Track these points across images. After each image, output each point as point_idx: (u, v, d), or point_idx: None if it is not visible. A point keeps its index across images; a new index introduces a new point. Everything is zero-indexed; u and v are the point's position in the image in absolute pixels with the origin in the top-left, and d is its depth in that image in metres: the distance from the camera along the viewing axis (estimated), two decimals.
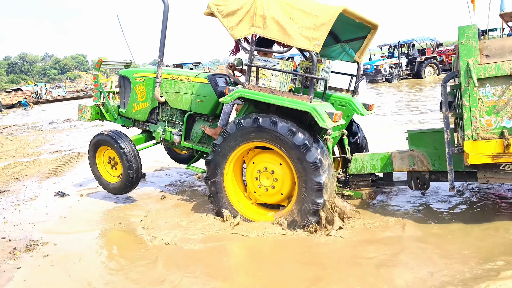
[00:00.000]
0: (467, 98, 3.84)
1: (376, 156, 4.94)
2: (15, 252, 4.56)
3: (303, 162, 4.39)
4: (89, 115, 6.67)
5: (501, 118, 3.80)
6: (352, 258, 3.93)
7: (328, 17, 4.26)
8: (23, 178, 8.29)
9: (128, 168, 5.77)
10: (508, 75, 3.70)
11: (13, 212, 6.08)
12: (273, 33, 4.52)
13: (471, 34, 3.79)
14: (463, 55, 3.83)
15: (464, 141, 3.92)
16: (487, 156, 3.84)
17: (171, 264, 4.05)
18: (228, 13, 4.73)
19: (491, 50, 3.79)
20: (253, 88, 4.69)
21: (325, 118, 4.30)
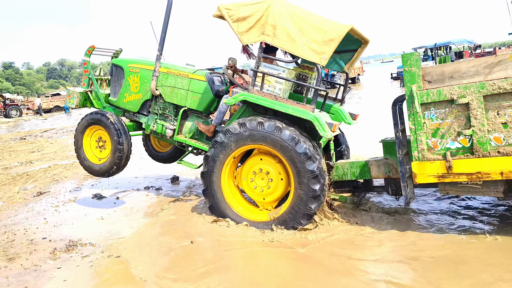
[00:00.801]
0: (413, 122, 4.01)
1: (356, 164, 5.09)
2: (55, 252, 4.66)
3: (302, 169, 4.55)
4: (77, 101, 6.61)
5: (445, 140, 3.93)
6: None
7: (337, 34, 4.48)
8: (63, 180, 8.53)
9: (117, 136, 5.72)
10: (449, 100, 3.83)
11: (53, 213, 6.23)
12: (282, 42, 4.68)
13: (413, 61, 3.96)
14: (407, 81, 4.01)
15: (412, 162, 4.09)
16: (433, 176, 3.99)
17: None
18: (238, 18, 4.89)
19: (433, 76, 3.97)
20: (257, 93, 4.86)
21: (325, 128, 4.51)
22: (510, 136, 3.65)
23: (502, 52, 20.78)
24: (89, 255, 4.50)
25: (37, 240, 5.06)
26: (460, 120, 3.84)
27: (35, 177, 8.92)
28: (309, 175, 4.54)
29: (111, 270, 4.12)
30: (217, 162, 5.01)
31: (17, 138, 17.82)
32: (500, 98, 3.63)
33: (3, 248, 4.88)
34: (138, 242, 4.81)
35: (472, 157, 3.80)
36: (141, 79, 6.22)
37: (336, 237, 4.49)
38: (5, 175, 9.26)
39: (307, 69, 5.69)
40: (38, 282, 3.95)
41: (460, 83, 3.83)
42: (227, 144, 4.91)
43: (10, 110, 37.02)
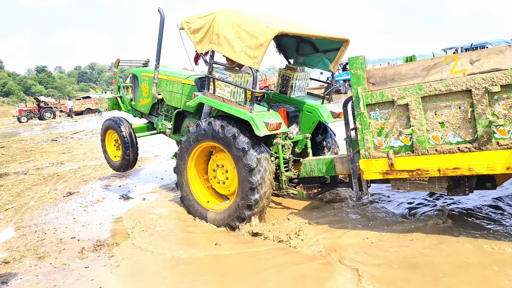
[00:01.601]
0: (359, 122, 4.22)
1: (321, 161, 5.26)
2: (84, 251, 4.75)
3: (241, 163, 4.97)
4: (106, 106, 7.90)
5: (389, 138, 4.13)
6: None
7: (265, 39, 4.77)
8: (91, 180, 8.72)
9: (125, 148, 7.00)
10: (390, 101, 4.02)
11: (82, 213, 6.38)
12: (225, 50, 5.13)
13: (358, 64, 4.15)
14: (353, 83, 4.21)
15: (359, 159, 4.30)
16: (378, 173, 4.21)
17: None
18: (194, 30, 5.43)
19: (376, 79, 4.15)
20: (210, 96, 5.41)
21: (260, 127, 4.86)
22: (447, 135, 3.85)
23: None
24: (116, 255, 4.56)
25: (66, 240, 5.18)
26: (401, 120, 4.05)
27: (65, 177, 9.16)
28: (246, 169, 4.93)
29: (137, 270, 4.15)
30: (183, 159, 5.66)
31: (49, 140, 18.38)
32: (437, 99, 3.83)
33: (33, 246, 5.00)
34: (163, 242, 4.82)
35: (413, 155, 4.01)
36: (149, 86, 7.04)
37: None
38: (37, 176, 9.55)
39: (290, 70, 6.26)
40: (66, 281, 4.03)
41: (400, 85, 4.02)
42: (189, 142, 5.53)
43: (44, 113, 38.19)
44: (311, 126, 6.03)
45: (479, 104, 3.60)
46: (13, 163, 12.02)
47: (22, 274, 4.25)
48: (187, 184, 5.68)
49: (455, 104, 3.75)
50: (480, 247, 3.91)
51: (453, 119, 3.78)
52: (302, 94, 6.48)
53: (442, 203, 5.29)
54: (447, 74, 3.78)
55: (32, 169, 10.60)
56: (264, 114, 5.13)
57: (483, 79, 3.54)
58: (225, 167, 5.43)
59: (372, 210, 5.41)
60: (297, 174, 5.50)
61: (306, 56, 6.41)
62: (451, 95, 3.75)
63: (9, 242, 5.26)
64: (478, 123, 3.63)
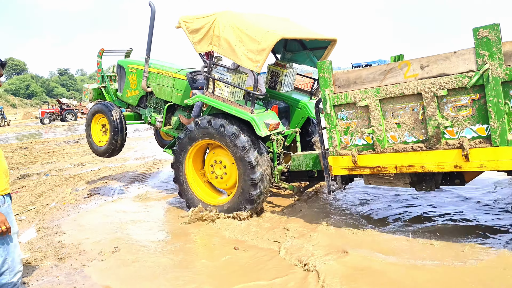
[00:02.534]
0: (327, 121, 4.55)
1: (309, 156, 5.48)
2: (103, 253, 4.74)
3: (243, 161, 5.24)
4: (91, 96, 7.99)
5: (354, 137, 4.46)
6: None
7: (267, 44, 4.98)
8: (111, 182, 8.77)
9: (114, 133, 7.01)
10: (353, 102, 4.32)
11: (102, 215, 6.37)
12: (225, 51, 5.31)
13: (326, 68, 4.47)
14: (322, 85, 4.53)
15: (328, 156, 4.67)
16: (344, 168, 4.56)
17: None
18: (193, 30, 5.59)
19: (341, 81, 4.46)
20: (209, 95, 5.62)
21: (261, 127, 5.17)
22: (403, 135, 4.14)
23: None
24: (136, 257, 4.57)
25: (86, 241, 5.23)
26: (364, 120, 4.37)
27: (86, 179, 9.25)
28: (248, 166, 5.23)
29: (157, 272, 4.13)
30: (181, 155, 5.89)
31: (71, 141, 18.59)
32: (393, 101, 4.13)
33: (54, 247, 5.02)
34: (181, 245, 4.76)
35: (374, 152, 4.32)
36: (137, 78, 7.23)
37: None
38: (59, 177, 9.67)
39: (279, 66, 6.52)
40: (86, 283, 4.06)
41: (362, 88, 4.31)
42: (187, 139, 5.76)
43: (66, 114, 38.86)
44: (301, 121, 6.36)
45: (429, 107, 3.88)
46: (36, 164, 12.21)
47: (43, 275, 4.31)
48: (185, 179, 5.94)
49: (409, 106, 4.05)
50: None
51: (407, 120, 4.08)
52: (290, 89, 6.79)
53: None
54: (401, 78, 4.06)
55: (54, 170, 10.76)
56: (263, 114, 5.41)
57: (432, 83, 3.82)
58: (223, 162, 5.71)
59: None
60: (288, 168, 5.71)
61: (293, 53, 6.66)
62: (405, 98, 4.04)
63: (31, 242, 5.32)
64: (429, 124, 3.91)
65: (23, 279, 4.19)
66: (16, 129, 33.76)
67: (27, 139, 21.82)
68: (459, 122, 3.78)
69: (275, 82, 6.64)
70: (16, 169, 11.53)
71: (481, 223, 4.61)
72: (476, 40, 3.57)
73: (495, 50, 3.49)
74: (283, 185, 5.79)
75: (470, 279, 3.42)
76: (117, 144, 7.13)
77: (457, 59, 3.72)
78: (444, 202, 5.46)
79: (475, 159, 3.69)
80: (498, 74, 3.49)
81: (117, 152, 7.41)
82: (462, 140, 3.74)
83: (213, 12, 5.51)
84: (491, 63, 3.51)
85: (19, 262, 3.02)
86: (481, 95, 3.62)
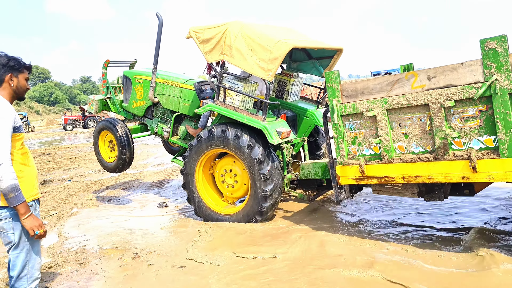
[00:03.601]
0: (335, 131, 4.59)
1: (317, 165, 5.58)
2: (123, 259, 4.87)
3: (256, 172, 5.32)
4: (96, 107, 8.04)
5: (362, 147, 4.49)
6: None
7: (279, 53, 5.08)
8: (131, 188, 8.97)
9: (122, 147, 7.03)
10: (360, 112, 4.36)
11: (122, 221, 6.55)
12: (237, 61, 5.40)
13: (333, 78, 4.51)
14: (329, 95, 4.57)
15: (336, 165, 4.69)
16: (352, 178, 4.57)
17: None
18: (203, 40, 5.69)
19: (348, 92, 4.50)
20: (220, 104, 5.71)
21: (273, 136, 5.26)
22: (411, 145, 4.17)
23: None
24: (154, 263, 4.65)
25: (106, 247, 5.33)
26: (371, 130, 4.41)
27: (107, 184, 9.47)
28: (262, 178, 5.32)
29: (175, 279, 4.20)
30: (192, 162, 5.96)
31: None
32: (400, 111, 4.17)
33: (75, 252, 5.19)
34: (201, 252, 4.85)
35: (381, 163, 4.35)
36: (144, 88, 7.32)
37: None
38: (80, 182, 9.93)
39: (286, 76, 6.62)
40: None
41: (369, 98, 4.36)
42: (200, 147, 5.81)
43: (88, 121, 39.54)
44: (308, 129, 6.43)
45: (436, 118, 3.91)
46: (58, 170, 12.56)
47: (64, 280, 4.43)
48: (194, 186, 6.04)
49: (416, 117, 4.09)
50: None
51: (415, 130, 4.12)
52: (296, 99, 6.90)
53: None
54: (408, 89, 4.11)
55: (75, 176, 11.05)
56: (274, 123, 5.51)
57: (439, 94, 3.86)
58: (233, 171, 5.80)
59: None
60: (297, 176, 5.77)
61: (299, 63, 6.78)
62: (413, 109, 4.08)
63: (53, 247, 5.48)
64: (436, 135, 3.94)
65: (44, 283, 4.31)
66: (39, 135, 34.62)
67: (50, 145, 22.41)
68: (466, 133, 3.81)
69: (282, 92, 6.75)
70: (39, 174, 11.89)
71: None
72: (483, 51, 3.60)
73: (502, 62, 3.52)
74: (293, 193, 5.85)
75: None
76: (126, 158, 7.16)
77: (464, 70, 3.76)
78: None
79: (483, 170, 3.70)
80: (505, 86, 3.52)
81: (127, 167, 7.44)
82: (469, 151, 3.76)
83: (224, 22, 5.64)
84: (499, 74, 3.54)
85: (38, 269, 3.08)
86: (489, 106, 3.64)
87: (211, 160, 6.13)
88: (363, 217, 5.69)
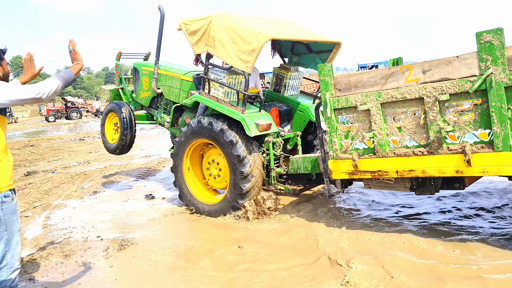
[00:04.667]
0: (328, 125, 4.54)
1: (307, 159, 5.49)
2: (108, 251, 4.80)
3: (231, 155, 5.38)
4: (107, 97, 8.39)
5: (355, 141, 4.45)
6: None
7: (257, 44, 5.09)
8: (117, 180, 8.84)
9: (123, 129, 7.26)
10: (354, 106, 4.32)
11: (107, 212, 6.43)
12: (219, 52, 5.47)
13: (326, 71, 4.48)
14: (322, 89, 4.54)
15: (328, 160, 4.67)
16: (345, 173, 4.54)
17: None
18: (191, 32, 5.79)
19: (342, 85, 4.46)
20: (205, 95, 5.81)
21: (251, 128, 5.26)
22: (404, 139, 4.13)
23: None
24: (140, 255, 4.59)
25: (91, 238, 5.26)
26: (365, 124, 4.37)
27: (92, 176, 9.34)
28: (236, 159, 5.35)
29: (161, 271, 4.17)
30: (178, 156, 6.12)
31: (76, 139, 18.72)
32: (394, 105, 4.13)
33: (60, 244, 5.08)
34: (186, 244, 4.79)
35: (375, 157, 4.31)
36: (149, 80, 7.41)
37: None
38: (65, 174, 9.76)
39: (284, 69, 6.62)
40: (90, 280, 4.09)
41: (363, 91, 4.32)
42: (188, 135, 5.91)
43: (71, 112, 38.96)
44: (302, 124, 6.39)
45: (430, 111, 3.88)
46: (42, 162, 12.33)
47: (48, 272, 4.36)
48: (182, 179, 6.14)
49: (410, 111, 4.05)
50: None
51: (409, 124, 4.09)
52: (295, 93, 6.87)
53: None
54: (402, 82, 4.07)
55: (60, 168, 10.86)
56: (255, 115, 5.50)
57: (434, 88, 3.82)
58: (216, 160, 5.90)
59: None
60: (286, 170, 5.76)
61: (300, 56, 6.77)
62: (407, 102, 4.04)
63: (37, 239, 5.38)
64: (430, 129, 3.91)
65: (29, 275, 4.26)
66: (23, 126, 34.01)
67: (33, 137, 22.00)
68: (461, 127, 3.78)
69: (280, 85, 6.74)
70: (23, 166, 11.65)
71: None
72: (479, 44, 3.56)
73: (498, 55, 3.49)
74: (280, 186, 5.85)
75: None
76: (127, 140, 7.34)
77: (459, 63, 3.72)
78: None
79: (477, 164, 3.68)
80: (501, 79, 3.49)
81: (127, 149, 7.64)
82: (464, 145, 3.73)
83: (210, 14, 5.66)
84: (494, 68, 3.51)
85: (18, 260, 3.04)
86: (484, 100, 3.61)
87: (199, 155, 6.23)
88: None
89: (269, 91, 6.83)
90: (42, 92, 2.92)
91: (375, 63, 31.39)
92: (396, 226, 4.75)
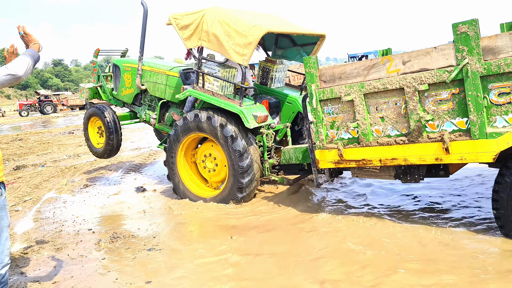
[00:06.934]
0: (314, 116, 4.66)
1: (298, 149, 5.64)
2: (100, 243, 4.85)
3: (231, 150, 5.44)
4: (87, 95, 8.15)
5: (340, 131, 4.57)
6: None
7: (254, 38, 5.15)
8: (107, 173, 8.87)
9: (109, 133, 7.24)
10: (338, 97, 4.43)
11: (99, 205, 6.49)
12: (214, 46, 5.50)
13: (312, 63, 4.57)
14: (308, 81, 4.63)
15: (315, 150, 4.77)
16: (331, 162, 4.67)
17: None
18: (182, 26, 5.78)
19: (326, 77, 4.56)
20: (199, 89, 5.80)
21: (249, 120, 5.35)
22: (387, 129, 4.25)
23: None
24: (132, 247, 4.64)
25: (83, 231, 5.31)
26: (349, 114, 4.48)
27: (82, 169, 9.34)
28: (236, 154, 5.42)
29: (153, 263, 4.20)
30: (172, 150, 6.13)
31: (66, 132, 18.63)
32: (377, 96, 4.24)
33: (51, 238, 5.13)
34: (178, 235, 4.88)
35: (359, 146, 4.44)
36: (132, 76, 7.46)
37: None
38: (54, 168, 9.77)
39: (270, 62, 6.70)
40: (83, 273, 4.13)
41: (347, 83, 4.42)
42: (177, 135, 5.97)
43: (45, 106, 38.01)
44: (291, 115, 6.52)
45: (410, 101, 3.99)
46: (31, 155, 12.30)
47: (40, 265, 4.40)
48: (178, 174, 6.17)
49: (392, 101, 4.16)
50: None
51: (391, 114, 4.20)
52: (281, 85, 6.97)
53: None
54: (384, 73, 4.17)
55: (49, 161, 10.85)
56: (252, 107, 5.57)
57: (413, 78, 3.94)
58: (213, 155, 5.93)
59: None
60: (279, 161, 5.87)
61: (284, 49, 6.83)
62: (388, 93, 4.15)
63: (28, 233, 5.42)
64: (411, 118, 4.02)
65: (20, 269, 4.31)
66: (11, 120, 33.65)
67: (21, 130, 21.82)
68: (439, 115, 3.90)
69: (266, 78, 6.82)
70: (12, 160, 11.63)
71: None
72: (456, 35, 3.68)
73: (473, 45, 3.60)
74: (273, 177, 5.93)
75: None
76: (114, 144, 7.36)
77: (437, 54, 3.83)
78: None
79: (456, 151, 3.82)
80: (477, 69, 3.61)
81: (115, 152, 7.64)
82: (442, 133, 3.86)
83: (201, 9, 5.68)
84: (470, 58, 3.62)
85: (7, 255, 3.03)
86: (461, 89, 3.73)
87: (192, 148, 6.29)
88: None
89: (255, 84, 6.89)
90: (16, 69, 2.92)
91: (365, 53, 31.41)
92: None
